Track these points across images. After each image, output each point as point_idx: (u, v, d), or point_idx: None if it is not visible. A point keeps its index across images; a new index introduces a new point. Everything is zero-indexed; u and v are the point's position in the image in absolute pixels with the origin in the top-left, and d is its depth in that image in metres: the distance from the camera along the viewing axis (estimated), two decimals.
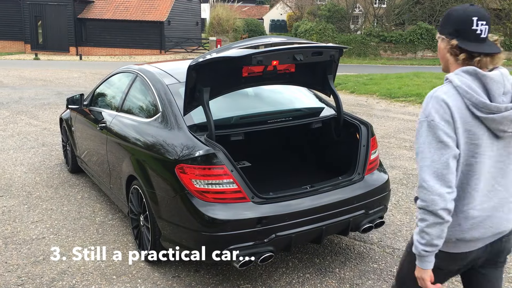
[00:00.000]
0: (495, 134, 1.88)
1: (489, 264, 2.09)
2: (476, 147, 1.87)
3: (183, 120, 3.52)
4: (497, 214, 1.95)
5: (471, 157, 1.87)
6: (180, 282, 3.52)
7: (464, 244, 1.97)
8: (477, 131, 1.86)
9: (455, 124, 1.83)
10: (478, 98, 1.82)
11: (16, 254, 3.95)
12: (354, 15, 33.28)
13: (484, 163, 1.89)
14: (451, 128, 1.83)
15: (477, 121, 1.85)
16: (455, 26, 1.88)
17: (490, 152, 1.90)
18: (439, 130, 1.82)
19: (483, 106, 1.82)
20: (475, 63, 1.86)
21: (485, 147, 1.88)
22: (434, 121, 1.83)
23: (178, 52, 31.32)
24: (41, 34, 32.17)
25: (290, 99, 4.36)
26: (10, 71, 19.32)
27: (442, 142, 1.82)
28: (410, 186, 5.55)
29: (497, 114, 1.82)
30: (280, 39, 3.84)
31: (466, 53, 1.86)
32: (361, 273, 3.63)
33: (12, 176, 5.98)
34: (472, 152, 1.87)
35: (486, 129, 1.87)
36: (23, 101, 11.79)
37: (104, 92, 5.24)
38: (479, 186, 1.90)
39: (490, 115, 1.82)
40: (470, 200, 1.91)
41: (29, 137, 8.05)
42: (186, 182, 3.19)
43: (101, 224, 4.54)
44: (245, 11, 46.51)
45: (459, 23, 1.87)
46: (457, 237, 1.94)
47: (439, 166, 1.82)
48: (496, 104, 1.82)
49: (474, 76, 1.84)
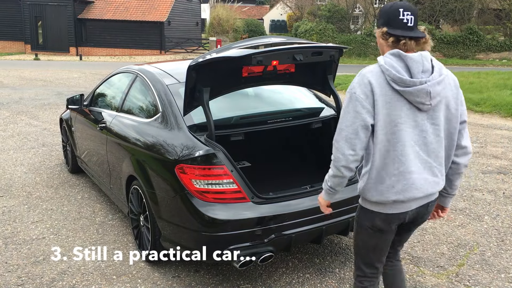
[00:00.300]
0: (416, 106, 2.17)
1: (408, 224, 2.43)
2: (398, 118, 2.15)
3: (183, 120, 3.52)
4: (424, 176, 2.24)
5: (394, 126, 2.16)
6: (180, 282, 3.52)
7: (400, 205, 2.28)
8: (397, 103, 2.15)
9: (375, 97, 2.14)
10: (395, 74, 2.12)
11: (16, 254, 3.96)
12: (354, 15, 33.30)
13: (407, 132, 2.18)
14: (369, 102, 2.14)
15: (396, 94, 2.15)
16: (385, 17, 2.20)
17: (412, 122, 2.18)
18: (357, 101, 2.15)
19: (400, 81, 2.12)
20: (401, 46, 2.16)
21: (406, 118, 2.17)
22: (355, 93, 2.17)
23: (178, 53, 31.33)
24: (41, 35, 32.18)
25: (290, 99, 4.36)
26: (10, 72, 19.33)
27: (357, 112, 2.15)
28: None
29: (413, 87, 2.12)
30: (280, 39, 3.84)
31: (394, 37, 2.17)
32: None
33: (12, 176, 5.98)
34: (394, 122, 2.16)
35: (406, 101, 2.16)
36: (23, 102, 11.79)
37: (104, 93, 5.24)
38: (405, 152, 2.18)
39: (406, 88, 2.12)
40: (399, 164, 2.20)
41: (29, 137, 8.06)
42: (186, 182, 3.19)
43: (101, 224, 4.54)
44: (245, 11, 46.52)
45: (388, 14, 2.19)
46: (393, 199, 2.24)
47: (350, 131, 2.16)
48: (412, 79, 2.12)
49: (398, 57, 2.16)
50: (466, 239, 4.21)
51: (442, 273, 3.65)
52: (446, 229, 4.40)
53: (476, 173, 6.05)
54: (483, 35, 27.86)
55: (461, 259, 3.86)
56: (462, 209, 4.87)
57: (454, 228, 4.44)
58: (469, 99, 11.15)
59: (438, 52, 28.14)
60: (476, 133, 8.32)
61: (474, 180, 5.78)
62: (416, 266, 3.74)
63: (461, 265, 3.76)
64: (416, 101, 2.15)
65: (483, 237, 4.26)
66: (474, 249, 4.04)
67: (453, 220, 4.60)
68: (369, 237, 2.42)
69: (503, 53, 27.57)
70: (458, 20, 29.51)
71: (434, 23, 29.99)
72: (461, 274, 3.63)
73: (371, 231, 2.39)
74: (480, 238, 4.23)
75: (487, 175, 5.99)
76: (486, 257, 3.90)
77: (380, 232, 2.37)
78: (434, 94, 2.16)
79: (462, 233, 4.32)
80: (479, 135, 8.21)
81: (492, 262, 3.81)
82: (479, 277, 3.59)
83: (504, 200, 5.15)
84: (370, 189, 2.28)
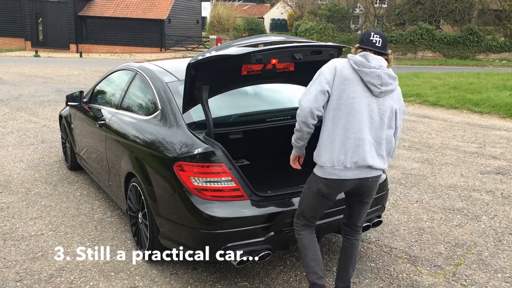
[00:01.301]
0: (369, 88, 2.77)
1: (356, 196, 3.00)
2: (353, 93, 2.76)
3: (182, 118, 3.53)
4: (364, 148, 2.77)
5: (347, 99, 2.75)
6: (178, 279, 3.53)
7: (340, 172, 2.80)
8: (354, 81, 2.76)
9: (336, 74, 2.78)
10: (357, 58, 2.79)
11: (14, 250, 3.97)
12: (354, 15, 33.29)
13: (359, 106, 2.75)
14: (330, 76, 2.78)
15: (354, 74, 2.78)
16: (360, 38, 2.90)
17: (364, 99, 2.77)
18: (322, 75, 2.80)
19: (360, 63, 2.77)
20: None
21: (359, 94, 2.76)
22: (322, 70, 2.83)
23: (179, 50, 31.31)
24: (41, 31, 32.16)
25: (289, 97, 4.36)
26: (10, 68, 19.32)
27: (320, 82, 2.79)
28: (409, 185, 5.57)
29: (368, 69, 2.75)
30: (280, 37, 3.84)
31: (362, 49, 2.85)
32: (358, 272, 3.64)
33: (11, 172, 5.99)
34: (349, 95, 2.75)
35: (361, 82, 2.77)
36: (23, 98, 11.79)
37: (103, 90, 5.25)
38: (353, 122, 2.75)
39: (363, 69, 2.75)
40: (347, 132, 2.76)
41: (29, 134, 8.06)
42: (185, 180, 3.20)
43: (99, 221, 4.55)
44: (245, 10, 46.47)
45: (363, 36, 2.91)
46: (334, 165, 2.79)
47: (312, 94, 2.77)
48: (369, 64, 2.77)
49: (363, 56, 2.81)
50: (463, 239, 4.22)
51: (439, 272, 3.66)
52: (444, 229, 4.41)
53: (474, 173, 6.06)
54: (483, 35, 27.84)
55: (458, 259, 3.87)
56: (460, 209, 4.88)
57: (451, 227, 4.45)
58: (468, 99, 11.17)
59: (438, 52, 28.14)
60: (475, 134, 8.33)
61: (472, 180, 5.79)
62: (413, 265, 3.75)
63: (458, 265, 3.78)
64: (370, 82, 2.75)
65: (481, 237, 4.27)
66: (472, 249, 4.05)
67: (451, 220, 4.62)
68: (312, 198, 2.98)
69: (503, 54, 27.55)
70: (458, 20, 29.49)
71: (435, 23, 29.96)
72: (458, 274, 3.64)
73: (315, 194, 2.93)
74: (478, 238, 4.24)
75: (486, 175, 6.00)
76: (483, 257, 3.91)
77: (322, 196, 2.92)
78: (384, 82, 2.77)
79: (460, 233, 4.34)
80: (478, 135, 8.22)
81: (489, 262, 3.83)
82: (476, 276, 3.60)
83: (502, 200, 5.16)
84: (320, 153, 2.84)
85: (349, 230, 3.17)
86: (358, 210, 3.09)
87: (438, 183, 5.66)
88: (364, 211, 3.12)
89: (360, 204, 3.07)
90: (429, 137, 8.04)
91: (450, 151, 7.14)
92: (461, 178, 5.88)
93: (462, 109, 10.64)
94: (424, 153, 7.02)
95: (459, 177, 5.91)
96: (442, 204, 5.03)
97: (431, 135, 8.24)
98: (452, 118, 9.76)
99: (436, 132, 8.43)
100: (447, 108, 10.81)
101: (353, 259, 3.15)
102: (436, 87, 13.28)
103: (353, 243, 3.15)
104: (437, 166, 6.34)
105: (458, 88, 12.96)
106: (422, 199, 5.15)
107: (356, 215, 3.11)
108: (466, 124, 9.18)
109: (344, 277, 3.13)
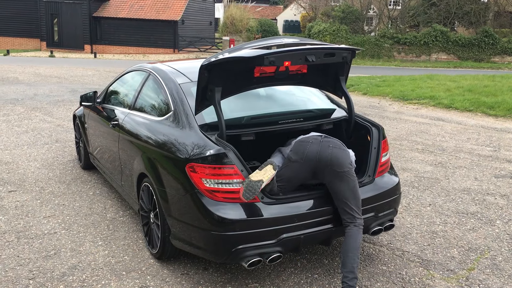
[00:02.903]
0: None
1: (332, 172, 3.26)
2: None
3: (195, 119, 3.54)
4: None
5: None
6: (189, 279, 3.54)
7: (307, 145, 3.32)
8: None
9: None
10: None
11: (28, 248, 4.01)
12: (368, 17, 33.14)
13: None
14: None
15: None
16: None
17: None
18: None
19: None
20: None
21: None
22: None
23: (192, 52, 31.44)
24: (56, 32, 32.55)
25: (301, 100, 4.35)
26: (25, 68, 19.56)
27: None
28: (422, 188, 5.52)
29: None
30: (293, 39, 3.84)
31: None
32: (370, 275, 3.62)
33: (26, 171, 6.06)
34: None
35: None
36: (38, 98, 11.93)
37: (117, 90, 5.29)
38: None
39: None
40: None
41: (43, 133, 8.15)
42: (196, 181, 3.21)
43: (112, 221, 4.59)
44: (259, 11, 46.52)
45: None
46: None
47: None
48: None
49: None
50: (477, 243, 4.18)
51: (452, 276, 3.62)
52: (457, 233, 4.37)
53: (488, 177, 5.99)
54: (499, 38, 27.54)
55: (471, 263, 3.83)
56: (474, 213, 4.83)
57: (465, 231, 4.40)
58: (483, 102, 11.04)
59: (452, 54, 27.90)
60: (489, 137, 8.24)
61: (486, 184, 5.72)
62: (425, 269, 3.72)
63: (472, 269, 3.73)
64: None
65: (495, 241, 4.22)
66: (485, 253, 4.00)
67: (465, 224, 4.57)
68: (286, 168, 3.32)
69: None
70: (473, 22, 29.21)
71: (449, 25, 29.71)
72: (471, 278, 3.60)
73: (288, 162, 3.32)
74: (492, 243, 4.19)
75: (500, 179, 5.92)
76: (497, 261, 3.86)
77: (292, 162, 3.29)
78: None
79: (473, 237, 4.29)
80: (492, 138, 8.12)
81: (503, 267, 3.78)
82: (490, 281, 3.56)
83: None
84: None
85: (344, 220, 3.31)
86: (343, 188, 3.27)
87: (451, 187, 5.61)
88: (347, 188, 3.28)
89: (342, 182, 3.27)
90: (443, 140, 7.97)
91: (464, 154, 7.07)
92: (475, 181, 5.81)
93: (477, 112, 10.52)
94: (438, 156, 6.96)
95: (473, 180, 5.85)
96: (455, 207, 4.98)
97: (445, 138, 8.16)
98: (466, 121, 9.66)
99: (450, 135, 8.35)
100: (461, 111, 10.70)
101: (351, 245, 3.20)
102: (450, 89, 13.15)
103: (351, 229, 3.26)
104: (450, 169, 6.28)
105: (472, 90, 12.82)
106: (435, 203, 5.10)
107: (345, 199, 3.27)
108: (481, 127, 9.08)
109: (346, 263, 3.18)
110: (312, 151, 3.29)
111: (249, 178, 3.10)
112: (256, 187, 3.07)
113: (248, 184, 3.08)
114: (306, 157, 3.29)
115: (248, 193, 3.07)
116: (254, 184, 3.07)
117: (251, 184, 3.07)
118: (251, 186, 3.07)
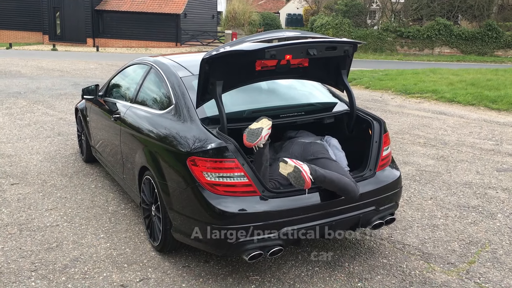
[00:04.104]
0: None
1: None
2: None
3: (196, 113, 3.54)
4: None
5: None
6: (190, 272, 3.56)
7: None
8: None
9: None
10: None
11: (30, 241, 4.04)
12: (371, 10, 32.97)
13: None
14: None
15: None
16: None
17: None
18: None
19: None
20: None
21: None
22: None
23: (194, 45, 31.38)
24: (59, 25, 32.51)
25: (303, 93, 4.35)
26: (28, 61, 19.57)
27: None
28: (423, 182, 5.52)
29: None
30: (294, 33, 3.83)
31: None
32: (371, 268, 3.64)
33: (28, 164, 6.08)
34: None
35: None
36: (40, 91, 11.94)
37: (119, 83, 5.29)
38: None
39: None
40: None
41: (45, 126, 8.17)
42: (198, 175, 3.22)
43: (113, 213, 4.61)
44: (261, 4, 46.35)
45: None
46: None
47: None
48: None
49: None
50: (478, 236, 4.18)
51: (452, 270, 3.64)
52: (458, 226, 4.37)
53: (490, 170, 5.99)
54: (503, 31, 27.37)
55: (472, 257, 3.83)
56: (475, 207, 4.83)
57: (466, 225, 4.41)
58: (486, 96, 11.01)
59: (456, 48, 27.76)
60: (492, 131, 8.22)
61: (488, 177, 5.72)
62: (426, 263, 3.73)
63: (472, 263, 3.74)
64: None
65: (496, 235, 4.23)
66: (486, 246, 4.01)
67: (466, 217, 4.57)
68: (276, 163, 3.40)
69: None
70: (477, 16, 29.02)
71: (453, 18, 29.54)
72: (472, 272, 3.61)
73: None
74: (492, 236, 4.19)
75: (502, 173, 5.92)
76: (498, 255, 3.87)
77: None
78: None
79: (474, 231, 4.29)
80: (495, 132, 8.11)
81: (504, 260, 3.79)
82: (490, 274, 3.57)
83: None
84: None
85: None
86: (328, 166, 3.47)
87: (453, 180, 5.61)
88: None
89: (330, 162, 3.53)
90: (445, 134, 7.96)
91: (466, 148, 7.06)
92: (477, 175, 5.81)
93: (479, 106, 10.49)
94: (440, 149, 6.95)
95: (474, 174, 5.85)
96: (457, 201, 4.98)
97: (447, 131, 8.15)
98: (469, 115, 9.64)
99: (452, 129, 8.34)
100: (464, 105, 10.67)
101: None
102: (453, 83, 13.11)
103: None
104: (452, 163, 6.28)
105: (475, 84, 12.77)
106: (436, 196, 5.11)
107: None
108: (483, 121, 9.06)
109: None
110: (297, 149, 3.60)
111: (249, 128, 3.27)
112: (257, 132, 3.25)
113: (248, 132, 3.29)
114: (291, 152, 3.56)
115: (251, 137, 3.24)
116: (255, 130, 3.26)
117: (251, 131, 3.28)
118: (252, 132, 3.27)
